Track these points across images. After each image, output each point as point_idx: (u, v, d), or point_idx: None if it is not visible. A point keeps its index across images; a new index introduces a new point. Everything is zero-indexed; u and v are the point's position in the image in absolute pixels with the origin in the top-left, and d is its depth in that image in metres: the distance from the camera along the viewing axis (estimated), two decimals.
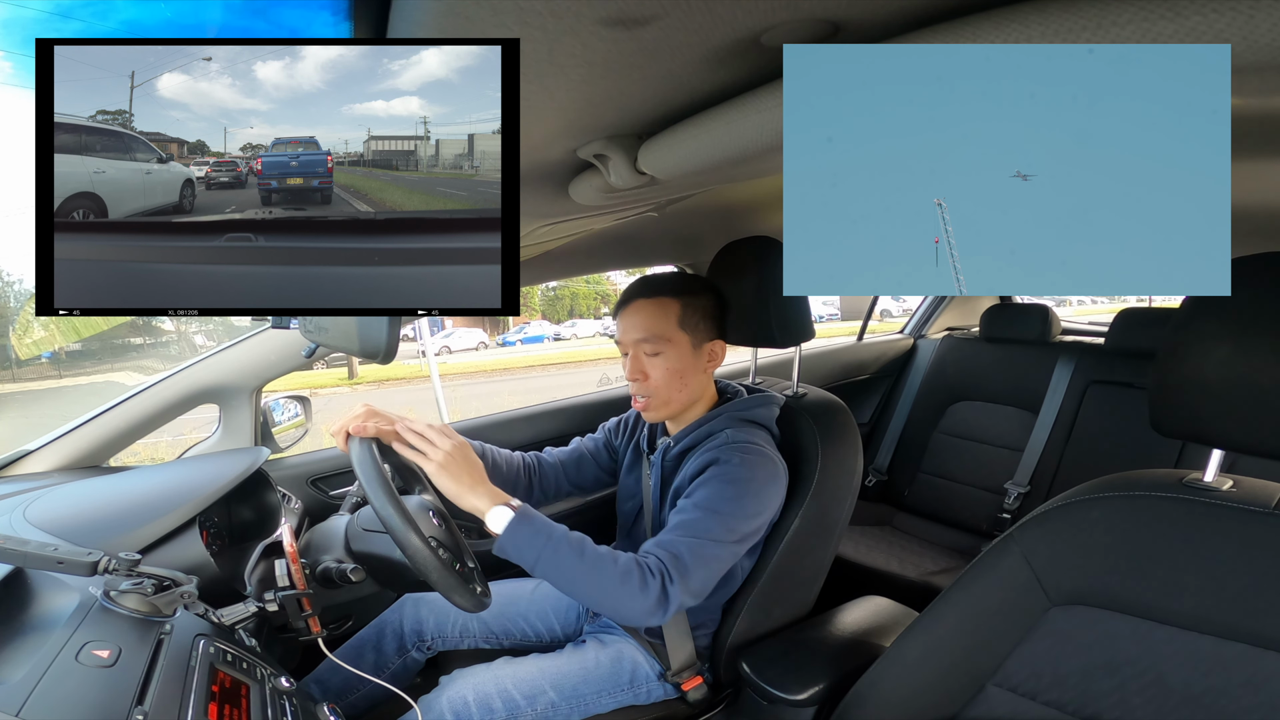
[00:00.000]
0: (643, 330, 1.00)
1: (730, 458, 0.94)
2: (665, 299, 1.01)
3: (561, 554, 0.83)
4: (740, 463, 0.93)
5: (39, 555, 0.60)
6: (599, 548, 0.87)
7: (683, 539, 0.89)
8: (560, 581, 0.85)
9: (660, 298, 1.01)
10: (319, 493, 1.37)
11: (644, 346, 1.00)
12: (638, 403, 1.03)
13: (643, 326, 1.00)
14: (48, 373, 10.70)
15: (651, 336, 1.00)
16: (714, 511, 0.90)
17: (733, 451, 0.95)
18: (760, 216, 1.55)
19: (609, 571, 0.84)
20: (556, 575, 0.84)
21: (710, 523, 0.89)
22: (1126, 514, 0.67)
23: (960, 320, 2.48)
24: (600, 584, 0.83)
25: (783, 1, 0.39)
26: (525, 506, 0.87)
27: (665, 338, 0.99)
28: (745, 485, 0.92)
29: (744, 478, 0.92)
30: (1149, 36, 0.31)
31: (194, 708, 0.56)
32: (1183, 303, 0.64)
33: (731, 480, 0.92)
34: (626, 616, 0.86)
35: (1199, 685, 0.61)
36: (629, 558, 0.87)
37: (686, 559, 0.87)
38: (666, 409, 1.04)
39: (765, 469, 0.95)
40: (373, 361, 0.76)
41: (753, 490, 0.93)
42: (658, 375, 1.00)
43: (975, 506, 1.94)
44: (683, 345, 1.00)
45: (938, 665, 0.78)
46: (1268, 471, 0.69)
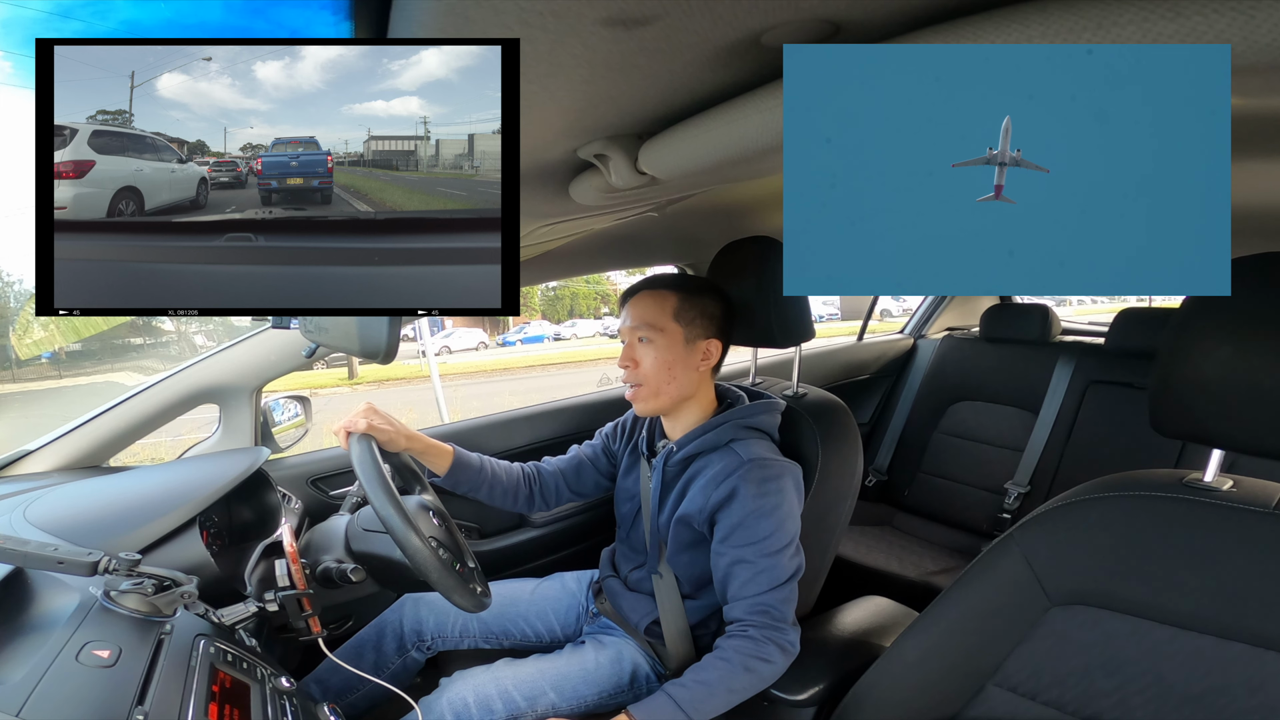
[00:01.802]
0: (637, 318, 1.03)
1: (755, 489, 0.95)
2: (665, 292, 1.03)
3: (708, 708, 0.89)
4: (764, 492, 0.95)
5: (39, 555, 0.60)
6: (721, 675, 0.90)
7: (765, 594, 0.94)
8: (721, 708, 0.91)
9: (661, 290, 1.04)
10: (319, 493, 1.37)
11: (637, 333, 1.02)
12: (628, 392, 1.05)
13: (639, 315, 1.03)
14: (48, 373, 10.69)
15: (644, 324, 1.02)
16: (773, 553, 0.94)
17: (754, 480, 0.96)
18: (760, 216, 1.55)
19: (746, 685, 0.91)
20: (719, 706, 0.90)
21: (777, 565, 0.94)
22: (1126, 514, 0.66)
23: (960, 320, 2.48)
24: (746, 690, 0.91)
25: (783, 1, 0.39)
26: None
27: (658, 326, 1.01)
28: (779, 514, 0.95)
29: (774, 505, 0.95)
30: (1149, 36, 0.31)
31: (194, 708, 0.56)
32: (1183, 303, 0.64)
33: (768, 515, 0.95)
34: (774, 683, 0.95)
35: (1199, 685, 0.61)
36: (739, 649, 0.91)
37: (777, 607, 0.94)
38: (655, 400, 1.04)
39: (788, 489, 0.98)
40: (373, 361, 0.76)
41: (784, 513, 0.96)
42: (647, 363, 1.01)
43: (975, 506, 1.94)
44: (674, 336, 1.01)
45: (938, 665, 0.78)
46: (1268, 471, 0.69)
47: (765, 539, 0.94)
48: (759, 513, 0.94)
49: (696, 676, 0.91)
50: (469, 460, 1.11)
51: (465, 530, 1.53)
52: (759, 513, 0.94)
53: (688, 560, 1.04)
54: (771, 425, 1.05)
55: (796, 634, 0.94)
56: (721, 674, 0.90)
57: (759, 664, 0.91)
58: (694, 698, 0.88)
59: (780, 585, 0.94)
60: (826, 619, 1.12)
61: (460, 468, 1.09)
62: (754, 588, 0.93)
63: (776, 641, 0.92)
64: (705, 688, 0.89)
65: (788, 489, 0.97)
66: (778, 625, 0.93)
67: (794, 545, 0.96)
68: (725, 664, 0.91)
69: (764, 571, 0.94)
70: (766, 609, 0.93)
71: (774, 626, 0.93)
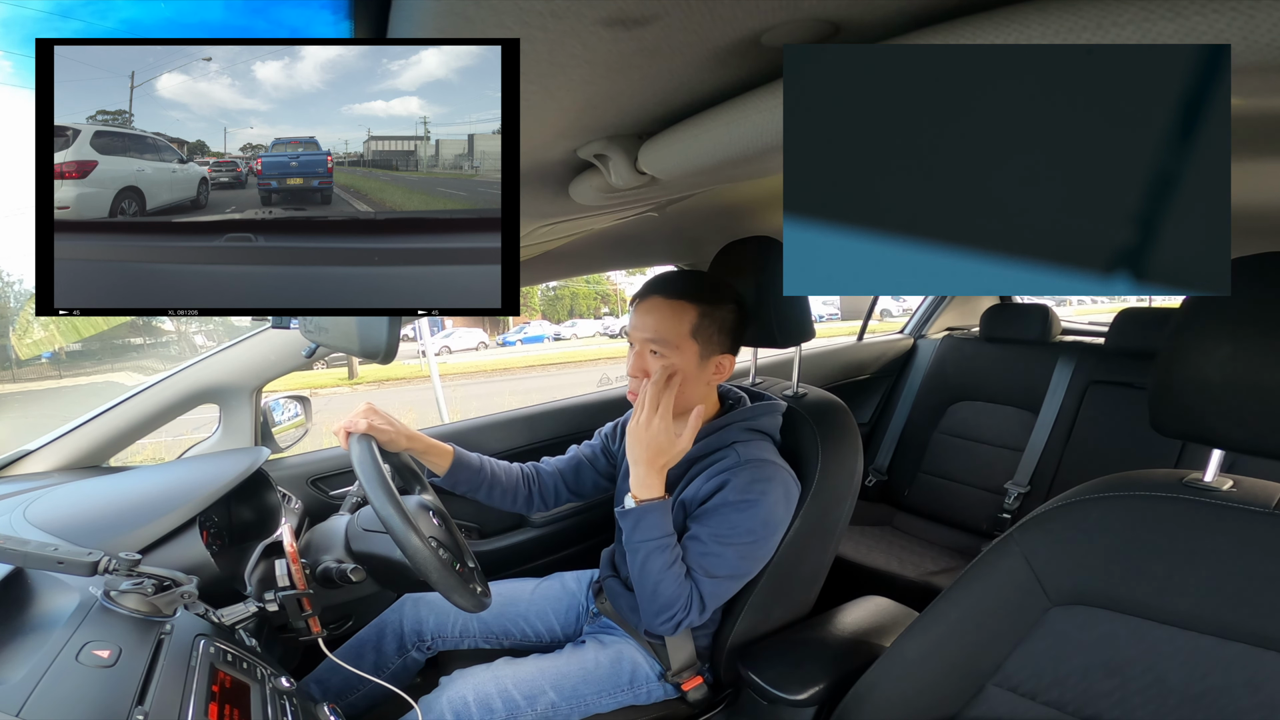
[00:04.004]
0: (653, 331, 0.97)
1: (741, 483, 0.95)
2: (684, 303, 0.97)
3: (667, 553, 0.93)
4: (749, 489, 0.95)
5: (39, 555, 0.60)
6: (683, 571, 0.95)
7: (702, 580, 0.95)
8: (637, 566, 0.94)
9: (680, 301, 0.97)
10: (319, 493, 1.37)
11: (650, 346, 0.98)
12: (632, 396, 1.03)
13: (654, 328, 0.97)
14: (48, 373, 10.69)
15: (660, 339, 0.97)
16: (729, 544, 0.95)
17: (744, 477, 0.95)
18: (760, 216, 1.55)
19: (669, 592, 0.93)
20: (645, 563, 0.93)
21: (722, 556, 0.95)
22: (1126, 514, 0.66)
23: (960, 320, 2.48)
24: (655, 591, 0.93)
25: (783, 1, 0.39)
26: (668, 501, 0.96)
27: (674, 344, 0.96)
28: (753, 513, 0.95)
29: (751, 503, 0.95)
30: (1149, 36, 0.31)
31: (194, 708, 0.56)
32: (1183, 303, 0.64)
33: (742, 510, 0.95)
34: (647, 624, 0.97)
35: (1199, 685, 0.61)
36: (683, 594, 0.94)
37: (706, 599, 0.95)
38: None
39: (776, 491, 0.96)
40: (373, 361, 0.76)
41: (758, 514, 0.95)
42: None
43: (975, 506, 1.94)
44: (690, 355, 0.97)
45: (938, 665, 0.78)
46: (1268, 471, 0.69)
47: (728, 530, 0.94)
48: (735, 506, 0.95)
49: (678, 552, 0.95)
50: (469, 460, 1.11)
51: (465, 530, 1.53)
52: (735, 506, 0.95)
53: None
54: (773, 427, 1.05)
55: (695, 621, 0.96)
56: (678, 576, 0.93)
57: (663, 611, 0.94)
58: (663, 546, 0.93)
59: (714, 577, 0.95)
60: (826, 619, 1.12)
61: (460, 468, 1.09)
62: (692, 563, 0.95)
63: (681, 621, 0.95)
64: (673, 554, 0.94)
65: (773, 493, 0.96)
66: (698, 608, 0.95)
67: (753, 547, 0.96)
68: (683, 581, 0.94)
69: (709, 555, 0.95)
70: (699, 595, 0.95)
71: (693, 609, 0.95)
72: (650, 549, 0.92)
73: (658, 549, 0.92)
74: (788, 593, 1.10)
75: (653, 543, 0.92)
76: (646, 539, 0.92)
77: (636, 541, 0.93)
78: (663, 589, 0.92)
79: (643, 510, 0.93)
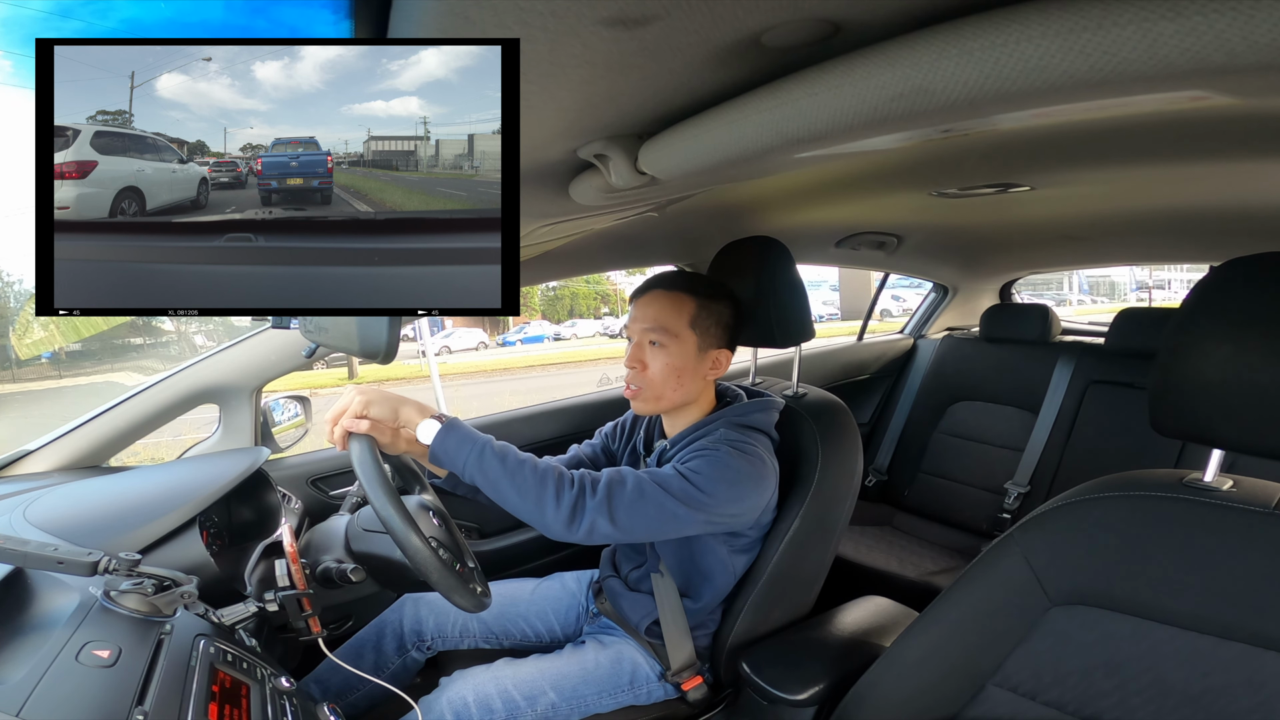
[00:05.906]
0: (652, 320, 0.99)
1: (718, 447, 0.94)
2: (682, 295, 1.00)
3: (487, 459, 0.83)
4: (726, 452, 0.93)
5: (39, 555, 0.60)
6: (526, 454, 0.86)
7: (633, 474, 0.89)
8: (487, 486, 0.85)
9: (678, 293, 1.00)
10: (319, 493, 1.37)
11: (649, 335, 1.00)
12: (629, 390, 1.02)
13: (653, 317, 0.99)
14: (48, 373, 10.69)
15: (659, 327, 0.99)
16: (681, 475, 0.90)
17: (722, 443, 0.95)
18: (760, 216, 1.55)
19: (529, 476, 0.84)
20: (484, 480, 0.84)
21: (672, 480, 0.89)
22: (1126, 514, 0.66)
23: (960, 320, 2.48)
24: (520, 488, 0.83)
25: (783, 1, 0.39)
26: (454, 418, 0.87)
27: (673, 332, 0.99)
28: (723, 467, 0.91)
29: (724, 462, 0.92)
30: (1149, 36, 0.31)
31: (194, 708, 0.56)
32: (1183, 303, 0.64)
33: (711, 461, 0.92)
34: (544, 525, 0.85)
35: (1199, 685, 0.61)
36: (552, 466, 0.86)
37: (622, 488, 0.86)
38: (656, 404, 1.03)
39: (752, 466, 0.94)
40: (373, 361, 0.76)
41: (729, 476, 0.91)
42: (656, 368, 1.00)
43: (975, 506, 1.94)
44: (688, 344, 0.99)
45: (938, 665, 0.78)
46: (1268, 471, 0.69)
47: (689, 471, 0.90)
48: (703, 456, 0.92)
49: (500, 444, 0.86)
50: None
51: (465, 530, 1.53)
52: (703, 456, 0.92)
53: (685, 556, 1.04)
54: (767, 423, 1.04)
55: (600, 521, 0.84)
56: (518, 461, 0.84)
57: (547, 491, 0.83)
58: (481, 452, 0.83)
59: (653, 485, 0.87)
60: (826, 619, 1.12)
61: None
62: (637, 472, 0.89)
63: (581, 498, 0.84)
64: (496, 454, 0.84)
65: (745, 466, 0.92)
66: (606, 493, 0.85)
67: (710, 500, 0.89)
68: (530, 462, 0.85)
69: (660, 472, 0.90)
70: (615, 480, 0.87)
71: (599, 489, 0.85)
72: (474, 461, 0.83)
73: (475, 454, 0.83)
74: (788, 593, 1.10)
75: (469, 454, 0.83)
76: (466, 460, 0.83)
77: (460, 466, 0.84)
78: (518, 479, 0.83)
79: (439, 440, 0.84)
